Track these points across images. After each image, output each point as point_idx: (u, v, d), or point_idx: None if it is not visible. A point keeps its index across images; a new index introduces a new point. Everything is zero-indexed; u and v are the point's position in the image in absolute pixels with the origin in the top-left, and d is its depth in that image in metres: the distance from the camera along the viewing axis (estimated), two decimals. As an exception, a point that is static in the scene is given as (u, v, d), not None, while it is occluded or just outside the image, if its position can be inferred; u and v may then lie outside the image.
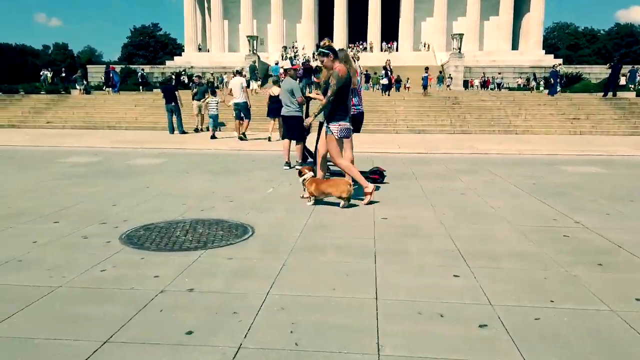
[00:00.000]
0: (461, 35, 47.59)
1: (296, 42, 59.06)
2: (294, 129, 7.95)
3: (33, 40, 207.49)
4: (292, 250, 3.54)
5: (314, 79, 20.94)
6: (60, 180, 6.66)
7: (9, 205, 4.99)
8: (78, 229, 4.11)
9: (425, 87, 22.58)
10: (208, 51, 61.45)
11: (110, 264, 3.24)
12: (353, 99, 6.15)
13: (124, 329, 2.31)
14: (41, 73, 41.71)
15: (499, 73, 42.90)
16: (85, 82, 28.37)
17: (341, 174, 5.87)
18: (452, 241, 3.77)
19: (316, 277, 2.99)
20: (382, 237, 3.87)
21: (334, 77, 5.12)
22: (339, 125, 5.29)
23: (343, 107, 5.29)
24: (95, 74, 53.38)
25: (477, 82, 41.92)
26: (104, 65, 57.60)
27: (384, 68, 21.56)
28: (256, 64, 30.05)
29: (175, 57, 58.09)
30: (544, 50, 58.53)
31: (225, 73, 42.51)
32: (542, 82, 37.74)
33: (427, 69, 23.82)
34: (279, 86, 11.39)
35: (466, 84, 42.16)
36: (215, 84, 15.75)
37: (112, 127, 16.89)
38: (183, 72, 42.49)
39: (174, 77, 22.90)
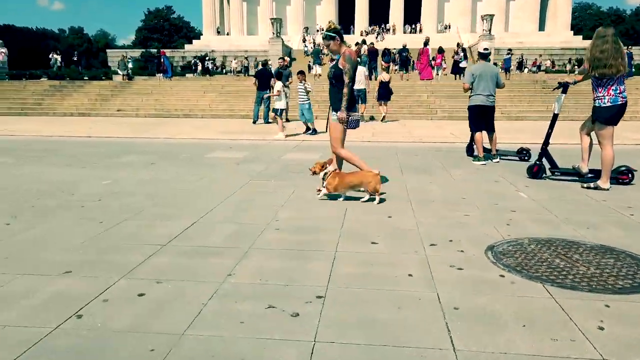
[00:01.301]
0: (491, 16, 46.05)
1: (317, 24, 57.70)
2: (489, 120, 7.24)
3: (35, 24, 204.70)
4: None
5: (382, 62, 20.09)
6: (261, 180, 5.91)
7: (275, 217, 4.23)
8: (419, 253, 3.35)
9: (507, 69, 21.54)
10: (228, 34, 59.99)
11: (596, 323, 2.46)
12: (620, 86, 5.35)
13: None
14: (50, 57, 39.63)
15: (540, 55, 41.51)
16: (127, 67, 27.51)
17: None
18: None
19: None
20: None
21: (348, 62, 4.78)
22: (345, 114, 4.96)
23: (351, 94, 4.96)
24: (115, 58, 52.16)
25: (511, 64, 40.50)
26: (123, 50, 56.38)
27: (463, 50, 20.50)
28: (322, 48, 28.93)
29: (194, 41, 56.65)
30: (572, 32, 56.82)
31: (246, 57, 41.03)
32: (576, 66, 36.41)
33: (510, 50, 22.49)
34: (388, 72, 14.84)
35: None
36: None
37: (188, 115, 16.10)
38: (206, 57, 40.98)
39: (269, 62, 21.51)
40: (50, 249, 3.44)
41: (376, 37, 51.40)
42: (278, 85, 11.36)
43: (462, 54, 19.76)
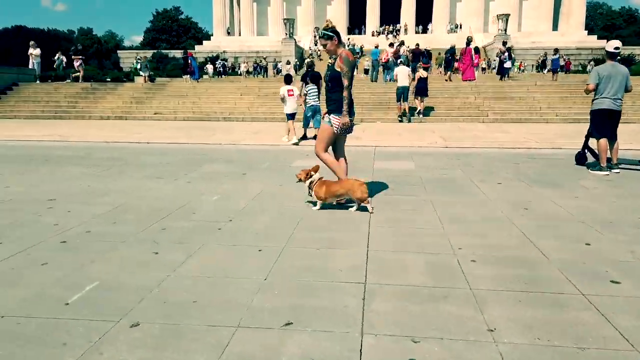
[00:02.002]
0: (507, 15, 45.65)
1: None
2: (614, 126, 6.61)
3: (37, 24, 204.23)
4: None
5: (421, 64, 19.51)
6: (386, 196, 5.30)
7: (449, 242, 3.60)
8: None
9: (555, 70, 20.91)
10: (240, 34, 59.48)
11: None
12: None
13: None
14: (56, 58, 38.14)
15: (562, 56, 40.78)
16: (148, 69, 26.89)
17: None
18: None
19: None
20: None
21: (345, 64, 4.53)
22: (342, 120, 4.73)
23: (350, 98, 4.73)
24: (127, 60, 51.60)
25: (527, 64, 39.97)
26: (134, 51, 55.71)
27: (508, 50, 19.83)
28: (356, 48, 28.38)
29: (204, 42, 56.17)
30: (586, 32, 56.01)
31: (264, 58, 40.43)
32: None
33: (557, 50, 21.76)
34: (425, 70, 15.73)
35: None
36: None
37: (227, 118, 15.51)
38: (218, 58, 40.20)
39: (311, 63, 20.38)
40: (234, 288, 2.84)
41: (386, 37, 50.91)
42: (283, 89, 10.33)
43: (507, 54, 19.11)
